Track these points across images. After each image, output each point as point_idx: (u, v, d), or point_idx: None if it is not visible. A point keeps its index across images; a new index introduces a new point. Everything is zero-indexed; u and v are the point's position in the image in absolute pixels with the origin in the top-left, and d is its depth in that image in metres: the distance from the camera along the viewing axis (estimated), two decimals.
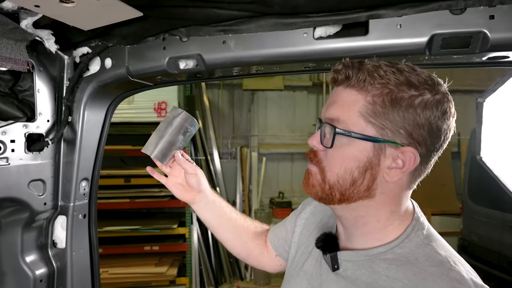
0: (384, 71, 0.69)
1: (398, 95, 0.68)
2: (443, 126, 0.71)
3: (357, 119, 0.70)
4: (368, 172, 0.71)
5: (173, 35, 1.07)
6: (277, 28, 0.98)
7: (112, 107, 1.30)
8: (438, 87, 0.72)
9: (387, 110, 0.68)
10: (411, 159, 0.69)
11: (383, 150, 0.70)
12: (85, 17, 0.92)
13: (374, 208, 0.74)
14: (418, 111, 0.68)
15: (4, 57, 0.98)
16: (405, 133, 0.68)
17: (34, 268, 1.18)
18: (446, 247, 0.74)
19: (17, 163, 1.07)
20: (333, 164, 0.73)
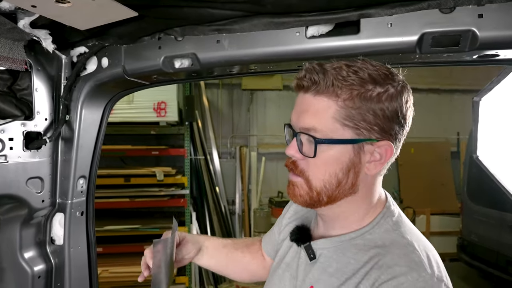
0: (347, 72, 0.72)
1: (367, 95, 0.72)
2: (408, 113, 0.77)
3: (333, 125, 0.73)
4: (352, 171, 0.75)
5: (168, 35, 1.09)
6: (270, 27, 1.00)
7: (109, 106, 1.32)
8: (396, 77, 0.77)
9: (360, 111, 0.72)
10: (388, 151, 0.75)
11: (362, 148, 0.75)
12: (81, 17, 0.93)
13: (356, 202, 0.79)
14: (386, 105, 0.72)
15: (2, 56, 1.00)
16: (378, 128, 0.73)
17: (32, 264, 1.20)
18: (414, 233, 0.77)
19: (15, 160, 1.09)
20: (317, 171, 0.76)
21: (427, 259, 0.70)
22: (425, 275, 0.67)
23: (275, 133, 5.58)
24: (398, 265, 0.68)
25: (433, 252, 0.74)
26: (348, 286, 0.72)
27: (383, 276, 0.67)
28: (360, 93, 0.72)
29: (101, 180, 4.23)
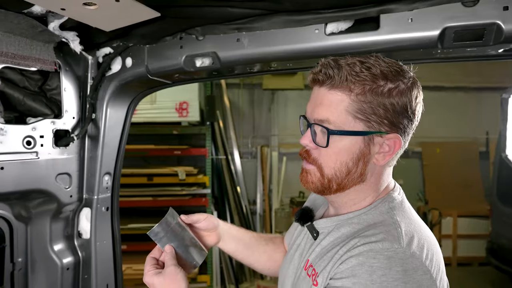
0: (360, 68, 0.75)
1: (378, 90, 0.75)
2: (417, 108, 0.80)
3: (345, 117, 0.77)
4: (361, 160, 0.79)
5: (189, 34, 1.12)
6: (288, 25, 1.01)
7: (133, 105, 1.36)
8: (407, 73, 0.79)
9: (371, 105, 0.76)
10: (396, 143, 0.79)
11: (372, 139, 0.79)
12: (106, 18, 0.97)
13: (364, 190, 0.84)
14: (397, 100, 0.76)
15: (34, 57, 1.05)
16: (388, 122, 0.77)
17: (61, 256, 1.26)
18: (408, 218, 0.79)
19: (45, 157, 1.14)
20: (329, 160, 0.80)
21: (409, 238, 0.73)
22: (397, 247, 0.70)
23: (296, 132, 5.55)
24: (375, 236, 0.73)
25: (425, 238, 0.76)
26: (332, 253, 0.78)
27: (359, 242, 0.73)
28: (372, 88, 0.75)
29: (125, 179, 4.34)
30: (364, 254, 0.70)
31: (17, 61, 1.00)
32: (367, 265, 0.69)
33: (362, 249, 0.71)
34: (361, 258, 0.70)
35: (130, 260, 4.38)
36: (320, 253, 0.83)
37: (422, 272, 0.70)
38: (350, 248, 0.74)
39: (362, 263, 0.69)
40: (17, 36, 0.99)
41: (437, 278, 0.72)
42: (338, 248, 0.77)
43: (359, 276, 0.69)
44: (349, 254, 0.72)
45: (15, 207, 1.17)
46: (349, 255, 0.72)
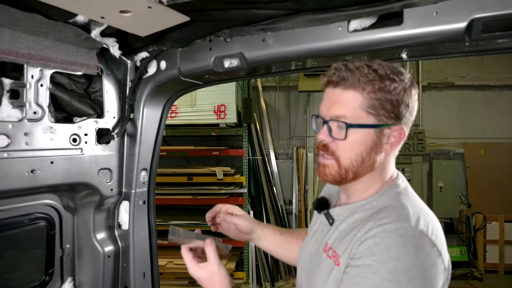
0: (368, 70, 0.86)
1: (385, 89, 0.86)
2: (415, 104, 0.91)
3: (359, 113, 0.87)
4: (373, 150, 0.90)
5: (218, 36, 1.17)
6: (312, 23, 1.03)
7: (168, 105, 1.44)
8: (406, 74, 0.90)
9: (380, 101, 0.86)
10: (401, 134, 0.90)
11: (382, 132, 0.89)
12: (141, 24, 1.05)
13: (374, 178, 0.93)
14: (400, 97, 0.87)
15: (80, 63, 1.16)
16: (394, 115, 0.88)
17: (103, 245, 1.37)
18: (413, 201, 0.89)
19: (89, 153, 1.26)
20: (346, 151, 0.90)
21: (416, 218, 0.82)
22: (407, 226, 0.80)
23: None
24: (387, 218, 0.82)
25: (429, 217, 0.86)
26: (351, 236, 0.86)
27: (374, 224, 0.82)
28: (380, 87, 0.86)
29: (167, 178, 4.54)
30: (380, 234, 0.79)
31: (65, 66, 1.12)
32: (383, 244, 0.78)
33: (377, 230, 0.80)
34: (378, 239, 0.79)
35: (171, 255, 4.57)
36: (338, 237, 0.91)
37: (429, 246, 0.79)
38: (367, 231, 0.82)
39: (379, 243, 0.78)
40: (65, 44, 1.10)
41: (442, 251, 0.82)
42: (356, 232, 0.86)
43: (377, 254, 0.77)
44: (367, 235, 0.81)
45: (64, 198, 1.29)
46: (366, 237, 0.81)
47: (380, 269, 0.76)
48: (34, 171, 1.09)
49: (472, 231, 5.25)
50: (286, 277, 4.94)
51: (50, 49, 1.06)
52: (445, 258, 0.83)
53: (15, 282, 1.19)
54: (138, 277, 1.41)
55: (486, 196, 5.25)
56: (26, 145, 1.07)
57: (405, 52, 1.02)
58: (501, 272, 5.09)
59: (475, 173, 5.38)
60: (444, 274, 0.82)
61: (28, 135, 1.07)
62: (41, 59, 1.04)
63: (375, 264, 0.77)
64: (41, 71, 1.08)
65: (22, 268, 1.22)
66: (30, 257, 1.24)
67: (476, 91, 5.52)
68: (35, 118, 1.09)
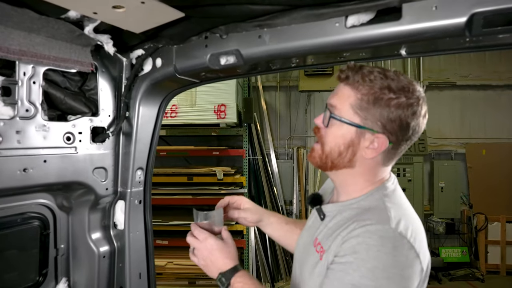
0: (375, 76, 0.91)
1: (380, 96, 0.90)
2: (412, 123, 0.92)
3: (348, 109, 0.94)
4: (350, 148, 0.95)
5: (213, 33, 1.15)
6: (309, 19, 1.01)
7: (164, 103, 1.42)
8: (414, 93, 0.91)
9: (370, 106, 0.91)
10: (383, 143, 0.92)
11: (363, 134, 0.93)
12: (135, 20, 1.03)
13: (353, 176, 0.99)
14: (392, 110, 0.90)
15: (73, 59, 1.15)
16: (381, 124, 0.91)
17: (98, 245, 1.35)
18: (397, 205, 0.93)
19: (83, 152, 1.24)
20: (328, 139, 0.98)
21: (397, 220, 0.87)
22: (387, 227, 0.85)
23: None
24: (370, 219, 0.88)
25: (410, 220, 0.90)
26: (336, 234, 0.92)
27: (357, 225, 0.88)
28: (375, 94, 0.90)
29: (167, 178, 4.53)
30: (362, 234, 0.85)
31: (58, 63, 1.10)
32: (364, 243, 0.83)
33: (359, 231, 0.86)
34: (360, 239, 0.84)
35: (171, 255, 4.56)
36: (326, 233, 0.97)
37: (408, 247, 0.84)
38: (350, 231, 0.88)
39: (360, 242, 0.84)
40: (58, 40, 1.08)
41: (420, 252, 0.86)
42: (341, 231, 0.91)
43: (359, 252, 0.83)
44: (350, 235, 0.87)
45: (58, 197, 1.28)
46: (349, 236, 0.87)
47: (361, 267, 0.82)
48: (27, 169, 1.07)
49: (473, 232, 5.22)
50: (286, 277, 4.91)
51: (43, 45, 1.05)
52: (424, 260, 0.87)
53: (7, 283, 1.18)
54: (134, 277, 1.39)
55: (488, 196, 5.22)
56: (18, 143, 1.05)
57: (404, 49, 1.00)
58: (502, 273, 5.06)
59: (476, 174, 5.35)
60: (421, 275, 0.86)
61: (20, 133, 1.06)
62: (33, 55, 1.02)
63: (356, 261, 0.82)
64: (34, 68, 1.07)
65: (15, 268, 1.20)
66: (23, 257, 1.22)
67: (478, 91, 5.49)
68: (28, 116, 1.07)
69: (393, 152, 0.96)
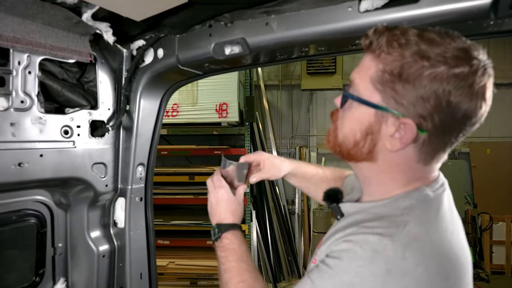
0: (407, 39, 0.66)
1: (407, 66, 0.66)
2: (461, 104, 0.65)
3: (367, 84, 0.71)
4: (369, 136, 0.73)
5: (218, 21, 1.10)
6: (319, 4, 0.95)
7: (166, 96, 1.37)
8: (467, 61, 0.64)
9: (394, 79, 0.67)
10: (410, 132, 0.68)
11: (385, 118, 0.70)
12: (135, 7, 0.98)
13: (376, 172, 0.77)
14: (424, 83, 0.64)
15: (71, 49, 1.09)
16: (407, 104, 0.67)
17: (98, 244, 1.29)
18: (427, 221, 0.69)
19: (82, 146, 1.18)
20: (342, 124, 0.78)
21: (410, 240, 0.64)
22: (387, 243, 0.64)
23: None
24: (373, 228, 0.68)
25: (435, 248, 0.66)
26: (335, 238, 0.74)
27: (357, 230, 0.70)
28: (402, 62, 0.66)
29: (168, 178, 4.48)
30: (354, 241, 0.67)
31: (54, 52, 1.04)
32: (352, 251, 0.66)
33: (356, 237, 0.68)
34: (350, 244, 0.67)
35: (172, 255, 4.51)
36: (330, 234, 0.79)
37: (410, 279, 0.61)
38: (347, 234, 0.71)
39: (348, 249, 0.67)
40: (54, 28, 1.03)
41: None
42: (341, 231, 0.74)
43: (342, 259, 0.67)
44: (344, 238, 0.70)
45: (56, 194, 1.22)
46: (343, 239, 0.70)
47: (336, 276, 0.66)
48: (22, 164, 1.02)
49: (478, 232, 5.15)
50: (288, 277, 4.85)
51: (38, 33, 0.99)
52: None
53: (2, 284, 1.12)
54: (135, 277, 1.34)
55: (493, 196, 5.15)
56: (12, 136, 1.00)
57: None
58: (508, 273, 5.00)
59: (481, 173, 5.29)
60: None
61: (15, 126, 1.00)
62: (28, 43, 0.97)
63: (335, 268, 0.67)
64: (29, 57, 1.01)
65: (11, 268, 1.14)
66: (19, 256, 1.16)
67: None
68: (23, 108, 1.02)
69: (432, 145, 0.70)
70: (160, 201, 4.52)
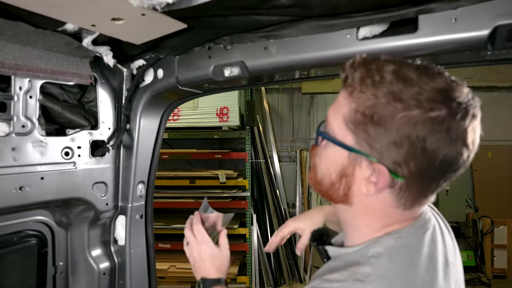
0: (382, 76, 0.61)
1: (379, 107, 0.60)
2: (438, 151, 0.59)
3: (340, 124, 0.66)
4: (344, 179, 0.68)
5: (217, 44, 1.10)
6: (318, 30, 0.95)
7: (166, 115, 1.38)
8: (444, 102, 0.58)
9: (366, 121, 0.61)
10: (383, 178, 0.62)
11: (359, 161, 0.65)
12: (135, 32, 0.99)
13: (352, 216, 0.72)
14: (397, 127, 0.58)
15: (71, 72, 1.10)
16: (380, 148, 0.61)
17: (98, 262, 1.30)
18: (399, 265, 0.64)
19: (82, 167, 1.19)
20: (320, 162, 0.73)
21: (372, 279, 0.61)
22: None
23: None
24: (332, 282, 0.64)
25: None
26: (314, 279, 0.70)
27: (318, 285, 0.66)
28: (375, 102, 0.60)
29: (169, 181, 4.49)
30: None
31: (55, 76, 1.05)
32: None
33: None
34: None
35: (173, 259, 4.52)
36: (315, 276, 0.73)
37: None
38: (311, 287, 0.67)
39: None
40: (55, 52, 1.04)
41: None
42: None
43: None
44: None
45: (56, 214, 1.23)
46: None
47: None
48: (23, 188, 1.03)
49: (479, 235, 5.15)
50: (289, 281, 4.86)
51: (39, 58, 1.00)
52: None
53: None
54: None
55: (494, 199, 5.15)
56: (13, 160, 1.00)
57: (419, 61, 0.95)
58: (509, 277, 5.00)
59: (482, 176, 5.28)
60: None
61: (16, 150, 1.01)
62: (29, 69, 0.98)
63: None
64: (30, 82, 1.02)
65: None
66: (20, 276, 1.18)
67: (484, 93, 5.41)
68: (24, 132, 1.03)
69: (411, 191, 0.64)
70: (161, 204, 4.53)
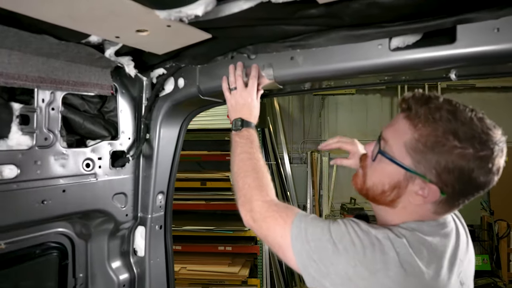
0: (441, 115, 0.76)
1: (440, 141, 0.75)
2: (478, 179, 0.76)
3: (400, 147, 0.81)
4: (396, 190, 0.83)
5: (241, 53, 1.08)
6: (348, 40, 0.92)
7: (185, 124, 1.35)
8: (488, 144, 0.75)
9: (426, 150, 0.77)
10: (434, 195, 0.79)
11: (413, 178, 0.80)
12: (159, 43, 0.96)
13: (392, 214, 0.87)
14: (453, 159, 0.75)
15: (93, 83, 1.08)
16: (435, 172, 0.77)
17: (118, 273, 1.29)
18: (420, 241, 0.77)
19: (103, 178, 1.17)
20: (373, 173, 0.88)
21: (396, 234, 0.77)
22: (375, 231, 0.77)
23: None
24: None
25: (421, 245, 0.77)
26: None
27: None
28: (436, 138, 0.76)
29: (180, 183, 4.48)
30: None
31: (77, 87, 1.03)
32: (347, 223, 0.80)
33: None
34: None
35: (184, 261, 4.51)
36: None
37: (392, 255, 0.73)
38: None
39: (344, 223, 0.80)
40: (77, 64, 1.02)
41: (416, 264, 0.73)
42: None
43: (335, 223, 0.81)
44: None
45: (77, 225, 1.22)
46: None
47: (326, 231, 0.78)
48: (45, 201, 1.01)
49: (495, 239, 5.05)
50: (300, 284, 4.83)
51: (62, 70, 0.98)
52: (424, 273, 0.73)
53: None
54: None
55: (510, 202, 5.04)
56: (37, 174, 0.99)
57: (454, 72, 0.91)
58: None
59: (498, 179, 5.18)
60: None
61: (39, 163, 0.99)
62: (52, 82, 0.96)
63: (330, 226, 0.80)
64: (52, 93, 1.00)
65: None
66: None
67: (499, 93, 5.31)
68: (46, 145, 1.01)
69: (448, 204, 0.81)
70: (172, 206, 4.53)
